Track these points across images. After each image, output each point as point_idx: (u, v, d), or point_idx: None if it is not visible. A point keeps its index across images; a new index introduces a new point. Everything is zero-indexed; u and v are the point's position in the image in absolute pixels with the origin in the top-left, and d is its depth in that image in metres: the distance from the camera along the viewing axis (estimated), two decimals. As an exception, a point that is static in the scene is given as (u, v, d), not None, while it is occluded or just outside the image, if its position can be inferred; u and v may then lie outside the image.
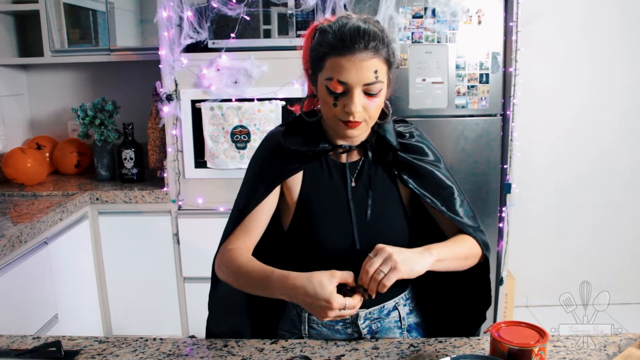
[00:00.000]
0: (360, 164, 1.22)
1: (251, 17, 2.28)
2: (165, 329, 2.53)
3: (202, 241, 2.44)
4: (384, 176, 1.22)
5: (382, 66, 1.09)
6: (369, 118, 1.11)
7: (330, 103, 1.10)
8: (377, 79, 1.08)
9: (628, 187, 3.17)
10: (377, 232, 1.18)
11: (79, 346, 1.16)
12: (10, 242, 1.80)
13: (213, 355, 1.13)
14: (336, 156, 1.22)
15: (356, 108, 1.07)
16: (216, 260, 1.21)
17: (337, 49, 1.07)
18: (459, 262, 1.15)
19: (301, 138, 1.20)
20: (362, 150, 1.22)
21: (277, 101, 2.34)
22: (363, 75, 1.06)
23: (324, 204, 1.20)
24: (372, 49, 1.06)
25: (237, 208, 1.23)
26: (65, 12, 2.68)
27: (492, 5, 2.40)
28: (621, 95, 3.07)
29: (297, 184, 1.22)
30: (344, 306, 1.01)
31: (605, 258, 3.21)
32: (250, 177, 1.25)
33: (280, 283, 1.05)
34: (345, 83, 1.07)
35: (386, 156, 1.21)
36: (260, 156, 1.25)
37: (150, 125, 2.57)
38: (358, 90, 1.07)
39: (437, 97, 2.46)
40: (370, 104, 1.09)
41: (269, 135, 1.26)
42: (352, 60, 1.06)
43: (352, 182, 1.20)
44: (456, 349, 1.14)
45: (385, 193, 1.21)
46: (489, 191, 2.53)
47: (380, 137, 1.20)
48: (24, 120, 2.91)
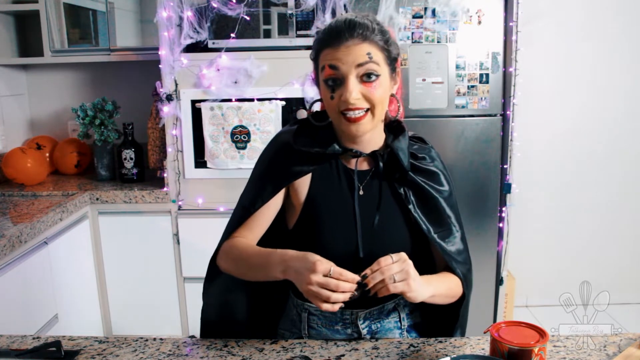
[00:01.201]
0: (370, 175, 1.20)
1: (251, 17, 2.28)
2: (165, 329, 2.54)
3: (202, 241, 2.44)
4: (392, 190, 1.20)
5: (376, 51, 1.07)
6: (373, 107, 1.09)
7: (328, 97, 1.09)
8: (371, 59, 1.06)
9: (628, 187, 3.17)
10: (380, 242, 1.17)
11: (79, 346, 1.16)
12: (10, 242, 1.80)
13: (213, 355, 1.13)
14: (346, 161, 1.21)
15: (351, 94, 1.05)
16: (219, 252, 1.21)
17: (326, 41, 1.08)
18: (444, 299, 1.17)
19: (312, 139, 1.19)
20: (372, 161, 1.20)
21: (277, 101, 2.34)
22: (354, 57, 1.05)
23: (330, 208, 1.19)
24: (360, 35, 1.06)
25: (242, 205, 1.22)
26: (65, 12, 2.68)
27: (492, 5, 2.40)
28: (621, 95, 3.07)
29: (305, 185, 1.20)
30: (328, 271, 0.98)
31: (605, 258, 3.21)
32: (258, 175, 1.24)
33: (280, 256, 1.06)
34: (337, 67, 1.06)
35: (395, 174, 1.19)
36: (269, 155, 1.24)
37: (150, 125, 2.57)
38: (352, 76, 1.06)
39: (437, 97, 2.46)
40: (370, 90, 1.07)
41: (280, 134, 1.25)
42: (340, 48, 1.06)
43: (360, 191, 1.19)
44: (456, 349, 1.14)
45: (392, 206, 1.20)
46: (489, 191, 2.53)
47: (393, 154, 1.17)
48: (24, 120, 2.91)
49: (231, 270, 1.19)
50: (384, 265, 1.01)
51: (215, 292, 1.29)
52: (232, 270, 1.19)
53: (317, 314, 1.24)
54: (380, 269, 1.01)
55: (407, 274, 1.01)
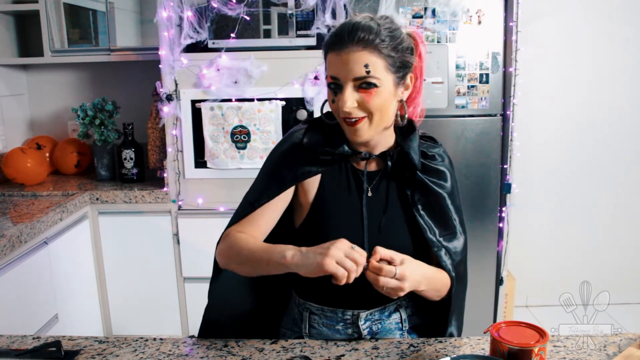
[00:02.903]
0: (379, 175, 1.20)
1: (251, 17, 2.28)
2: (165, 329, 2.54)
3: (202, 241, 2.44)
4: (399, 191, 1.20)
5: (376, 60, 1.05)
6: (370, 115, 1.09)
7: (331, 100, 1.12)
8: (369, 73, 1.05)
9: (628, 187, 3.17)
10: (385, 244, 1.16)
11: (79, 346, 1.16)
12: (10, 242, 1.80)
13: (213, 355, 1.13)
14: (356, 162, 1.21)
15: (345, 104, 1.06)
16: (219, 245, 1.20)
17: (330, 45, 1.09)
18: (433, 294, 1.17)
19: (323, 137, 1.19)
20: (382, 161, 1.20)
21: (277, 101, 2.34)
22: (351, 69, 1.05)
23: (338, 209, 1.19)
24: (361, 41, 1.04)
25: (247, 200, 1.22)
26: (65, 12, 2.68)
27: (492, 5, 2.40)
28: (621, 95, 3.07)
29: (314, 185, 1.21)
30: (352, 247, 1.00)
31: (605, 258, 3.21)
32: (266, 172, 1.24)
33: (284, 247, 1.06)
34: (337, 78, 1.08)
35: (405, 173, 1.19)
36: (279, 153, 1.23)
37: (150, 125, 2.57)
38: (348, 85, 1.07)
39: (437, 97, 2.46)
40: (367, 98, 1.07)
41: (291, 133, 1.25)
42: (340, 55, 1.06)
43: (368, 192, 1.19)
44: (456, 349, 1.14)
45: (398, 208, 1.20)
46: (489, 191, 2.53)
47: (403, 153, 1.17)
48: (24, 120, 2.91)
49: (231, 263, 1.17)
50: (384, 276, 1.02)
51: (218, 290, 1.28)
52: (233, 261, 1.16)
53: (319, 313, 1.24)
54: (378, 277, 1.02)
55: (398, 291, 1.03)
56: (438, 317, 1.27)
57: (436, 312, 1.27)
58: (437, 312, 1.27)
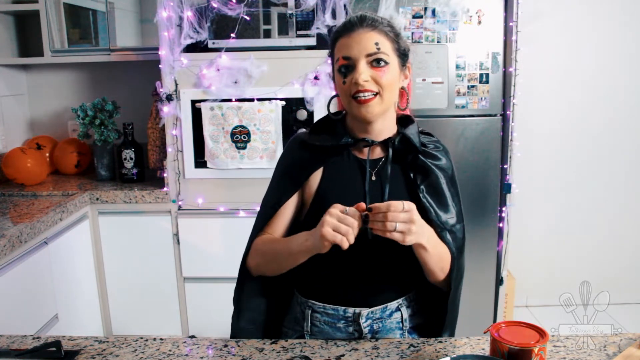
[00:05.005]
0: (381, 162, 1.24)
1: (251, 17, 2.28)
2: (165, 329, 2.53)
3: (202, 241, 2.44)
4: (401, 177, 1.24)
5: (384, 41, 1.15)
6: (382, 90, 1.15)
7: (341, 83, 1.16)
8: (380, 50, 1.14)
9: (628, 187, 3.17)
10: None
11: (79, 346, 1.16)
12: (10, 242, 1.80)
13: (213, 355, 1.13)
14: (359, 152, 1.25)
15: (360, 76, 1.13)
16: (249, 253, 1.27)
17: (340, 32, 1.18)
18: (436, 261, 1.17)
19: (325, 134, 1.25)
20: (384, 149, 1.25)
21: (277, 101, 2.34)
22: (364, 46, 1.14)
23: (341, 196, 1.20)
24: (370, 25, 1.15)
25: (267, 205, 1.28)
26: (65, 12, 2.68)
27: (492, 5, 2.40)
28: (621, 95, 3.07)
29: (316, 179, 1.25)
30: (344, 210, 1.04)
31: (605, 258, 3.21)
32: (278, 175, 1.31)
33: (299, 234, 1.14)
34: (349, 57, 1.15)
35: (407, 157, 1.23)
36: (286, 156, 1.31)
37: (150, 125, 2.57)
38: (362, 62, 1.14)
39: (437, 97, 2.46)
40: (379, 74, 1.14)
41: (295, 136, 1.32)
42: (351, 36, 1.15)
43: (372, 177, 1.23)
44: (456, 349, 1.14)
45: (401, 192, 1.23)
46: (489, 191, 2.53)
47: (404, 139, 1.22)
48: (23, 120, 2.91)
49: (260, 265, 1.24)
50: (392, 211, 1.03)
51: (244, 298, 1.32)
52: (261, 263, 1.24)
53: (321, 311, 1.25)
54: (386, 214, 1.03)
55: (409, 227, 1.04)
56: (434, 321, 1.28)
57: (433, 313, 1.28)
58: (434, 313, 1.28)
